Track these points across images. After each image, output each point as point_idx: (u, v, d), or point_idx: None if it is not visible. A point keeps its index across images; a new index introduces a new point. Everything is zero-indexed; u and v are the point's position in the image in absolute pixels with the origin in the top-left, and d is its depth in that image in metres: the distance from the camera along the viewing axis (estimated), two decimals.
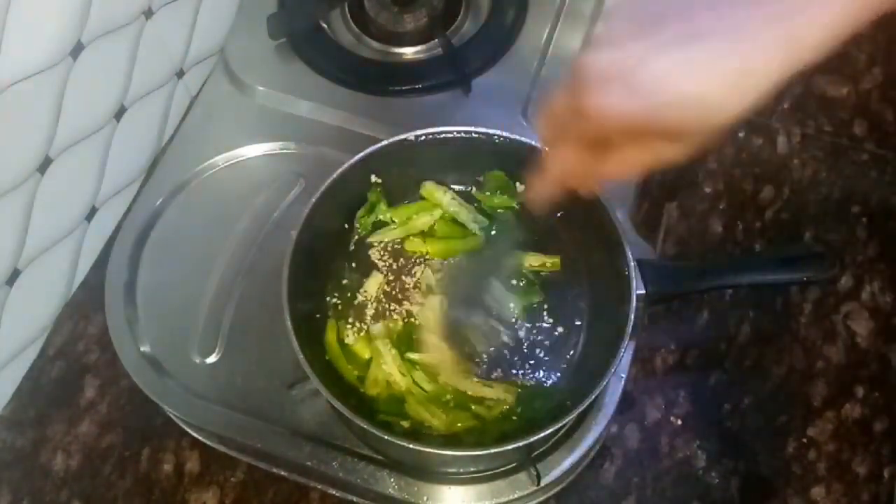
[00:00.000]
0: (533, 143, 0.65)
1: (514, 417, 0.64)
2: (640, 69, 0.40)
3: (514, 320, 0.68)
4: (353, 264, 0.70)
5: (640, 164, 0.46)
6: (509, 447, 0.57)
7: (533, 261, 0.70)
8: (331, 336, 0.66)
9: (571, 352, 0.67)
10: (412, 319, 0.68)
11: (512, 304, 0.68)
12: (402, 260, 0.71)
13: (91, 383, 0.73)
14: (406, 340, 0.67)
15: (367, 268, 0.70)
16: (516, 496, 0.64)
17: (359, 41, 0.86)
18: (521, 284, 0.69)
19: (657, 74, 0.40)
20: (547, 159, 0.49)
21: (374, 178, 0.69)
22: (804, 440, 0.70)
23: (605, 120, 0.42)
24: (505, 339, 0.67)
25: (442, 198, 0.71)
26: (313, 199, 0.64)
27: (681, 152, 0.44)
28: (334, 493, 0.68)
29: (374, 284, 0.69)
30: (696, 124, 0.41)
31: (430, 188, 0.71)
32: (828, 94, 0.88)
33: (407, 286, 0.69)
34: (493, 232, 0.71)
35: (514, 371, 0.66)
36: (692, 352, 0.74)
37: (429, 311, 0.67)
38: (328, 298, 0.69)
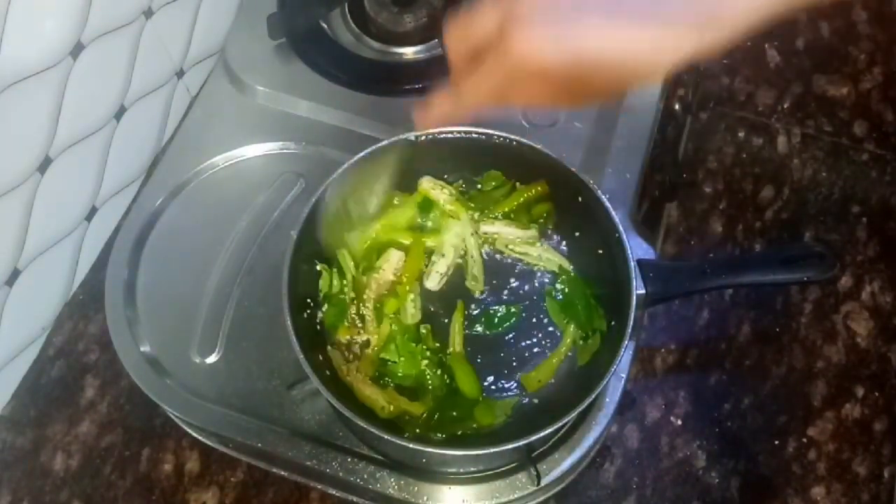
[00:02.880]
0: (533, 144, 0.65)
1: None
2: (570, 21, 0.42)
3: None
4: None
5: (538, 103, 0.47)
6: (509, 447, 0.57)
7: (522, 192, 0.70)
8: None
9: (571, 352, 0.67)
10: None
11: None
12: None
13: (91, 383, 0.73)
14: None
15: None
16: (516, 496, 0.64)
17: (359, 41, 0.86)
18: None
19: (586, 30, 0.42)
20: (454, 82, 0.50)
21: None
22: (804, 440, 0.70)
23: (524, 61, 0.44)
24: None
25: (439, 195, 0.71)
26: (313, 199, 0.64)
27: (584, 104, 0.47)
28: (334, 493, 0.68)
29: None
30: (607, 84, 0.44)
31: (426, 185, 0.71)
32: (828, 94, 0.88)
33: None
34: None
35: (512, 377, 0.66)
36: (692, 352, 0.74)
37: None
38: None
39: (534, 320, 0.68)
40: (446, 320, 0.67)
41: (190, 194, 0.76)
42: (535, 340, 0.67)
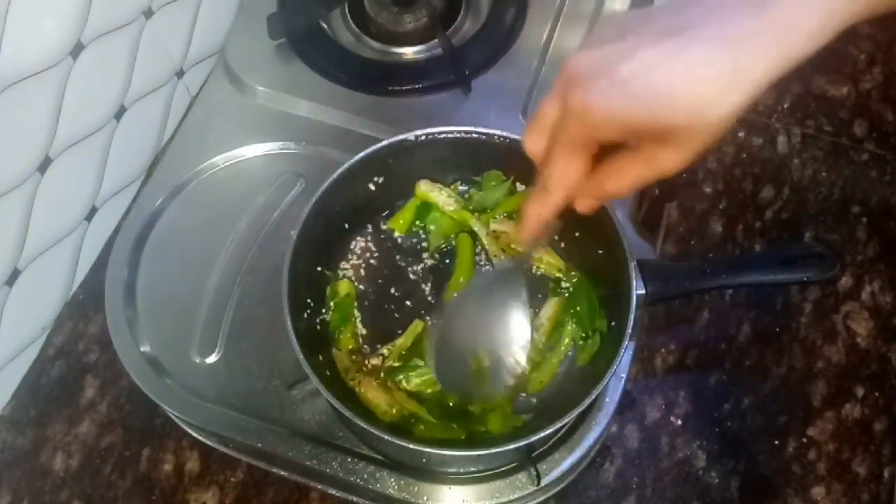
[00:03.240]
0: None
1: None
2: (626, 62, 0.38)
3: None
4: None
5: (637, 176, 0.43)
6: (509, 447, 0.57)
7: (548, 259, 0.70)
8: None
9: (571, 352, 0.67)
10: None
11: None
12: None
13: (91, 383, 0.73)
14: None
15: None
16: (516, 496, 0.64)
17: (359, 41, 0.86)
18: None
19: (644, 66, 0.38)
20: (541, 174, 0.45)
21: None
22: (804, 440, 0.70)
23: (591, 116, 0.40)
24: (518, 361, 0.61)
25: (437, 196, 0.71)
26: (313, 199, 0.64)
27: (679, 158, 0.41)
28: (334, 493, 0.68)
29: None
30: (687, 121, 0.39)
31: (424, 188, 0.71)
32: (828, 94, 0.88)
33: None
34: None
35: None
36: (692, 352, 0.74)
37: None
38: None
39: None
40: None
41: (190, 194, 0.76)
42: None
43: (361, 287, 0.70)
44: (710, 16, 0.38)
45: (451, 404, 0.63)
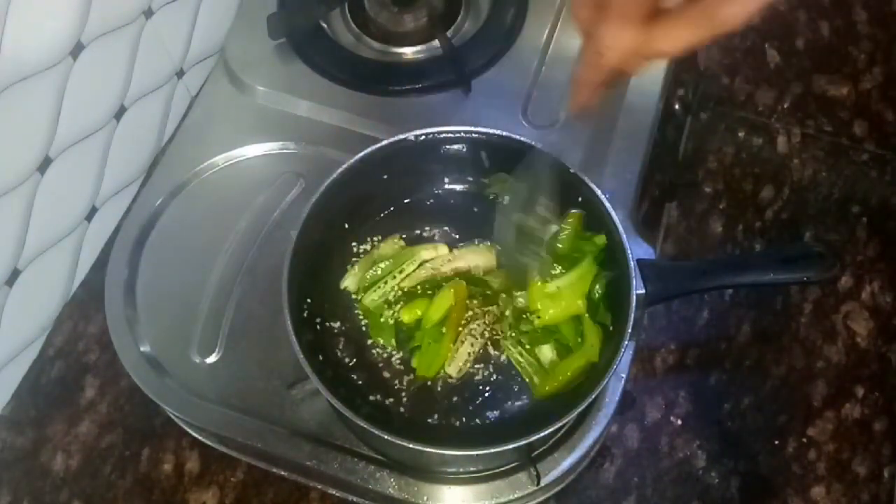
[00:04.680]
0: (533, 142, 0.65)
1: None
2: None
3: None
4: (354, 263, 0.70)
5: (695, 33, 0.40)
6: (509, 447, 0.57)
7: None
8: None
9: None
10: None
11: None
12: None
13: (91, 383, 0.73)
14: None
15: None
16: (516, 496, 0.64)
17: (359, 41, 0.86)
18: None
19: None
20: (590, 44, 0.43)
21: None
22: (804, 440, 0.70)
23: None
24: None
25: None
26: (313, 199, 0.64)
27: (742, 12, 0.39)
28: (334, 493, 0.68)
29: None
30: None
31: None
32: (828, 94, 0.88)
33: None
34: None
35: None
36: (692, 352, 0.74)
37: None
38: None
39: None
40: None
41: (190, 194, 0.76)
42: None
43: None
44: None
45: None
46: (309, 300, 0.66)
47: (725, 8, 0.39)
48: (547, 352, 0.65)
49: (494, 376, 0.66)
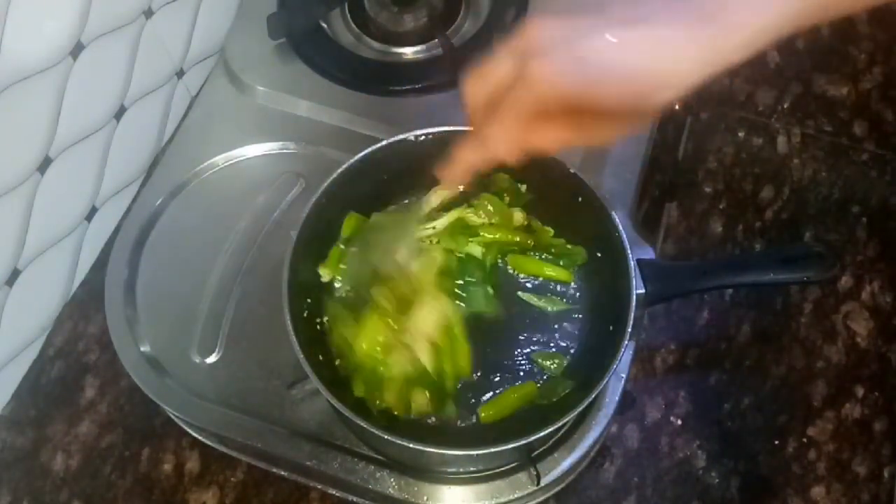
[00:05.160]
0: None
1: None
2: (587, 40, 0.40)
3: None
4: None
5: (568, 140, 0.46)
6: (509, 447, 0.57)
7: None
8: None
9: (571, 351, 0.67)
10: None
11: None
12: None
13: (91, 383, 0.73)
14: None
15: None
16: (516, 496, 0.64)
17: (359, 41, 0.86)
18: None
19: (606, 46, 0.40)
20: (476, 131, 0.47)
21: None
22: (804, 440, 0.70)
23: (548, 88, 0.41)
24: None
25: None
26: (313, 199, 0.64)
27: (611, 135, 0.45)
28: (334, 493, 0.68)
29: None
30: (633, 105, 0.42)
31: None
32: (828, 94, 0.88)
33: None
34: None
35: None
36: (692, 352, 0.74)
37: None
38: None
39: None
40: None
41: (190, 194, 0.76)
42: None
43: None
44: (663, 14, 0.41)
45: None
46: (309, 300, 0.66)
47: (601, 128, 0.45)
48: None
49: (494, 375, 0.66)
